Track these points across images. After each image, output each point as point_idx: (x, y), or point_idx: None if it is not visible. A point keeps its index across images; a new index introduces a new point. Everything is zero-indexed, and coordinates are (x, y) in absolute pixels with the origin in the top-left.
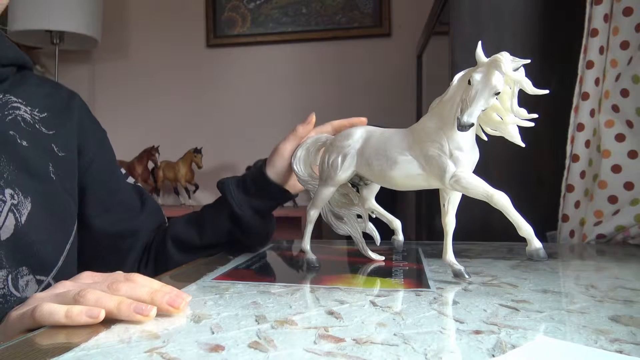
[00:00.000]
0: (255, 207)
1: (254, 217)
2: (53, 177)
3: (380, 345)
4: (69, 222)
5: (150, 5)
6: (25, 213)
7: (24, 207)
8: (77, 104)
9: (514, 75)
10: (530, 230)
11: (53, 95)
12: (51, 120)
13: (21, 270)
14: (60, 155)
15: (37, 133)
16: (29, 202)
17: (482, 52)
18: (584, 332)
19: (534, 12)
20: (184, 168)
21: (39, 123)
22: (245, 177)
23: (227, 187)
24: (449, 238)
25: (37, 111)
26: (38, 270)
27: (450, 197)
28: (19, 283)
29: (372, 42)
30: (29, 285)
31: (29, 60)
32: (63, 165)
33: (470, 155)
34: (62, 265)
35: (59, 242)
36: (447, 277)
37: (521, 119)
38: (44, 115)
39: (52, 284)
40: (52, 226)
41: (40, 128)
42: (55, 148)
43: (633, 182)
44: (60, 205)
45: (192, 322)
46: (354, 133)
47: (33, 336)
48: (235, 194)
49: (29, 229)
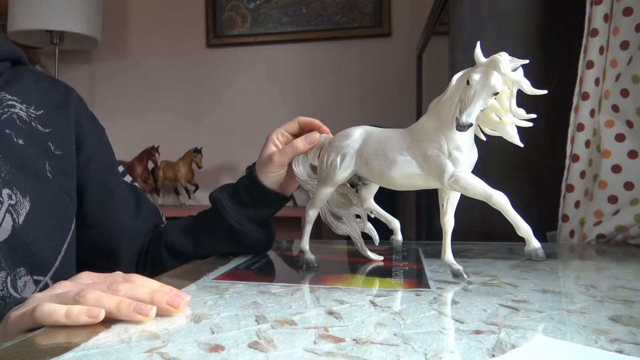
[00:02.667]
0: (254, 217)
1: (254, 229)
2: (50, 176)
3: (380, 345)
4: (67, 222)
5: (150, 5)
6: (23, 213)
7: (22, 207)
8: (74, 100)
9: (513, 76)
10: (529, 230)
11: (49, 92)
12: (47, 118)
13: (19, 272)
14: (57, 154)
15: (33, 131)
16: (27, 201)
17: (480, 52)
18: (584, 332)
19: (534, 12)
20: (184, 168)
21: (35, 121)
22: (237, 188)
23: (221, 202)
24: (447, 238)
25: (33, 109)
26: (36, 271)
27: (449, 197)
28: (17, 284)
29: (372, 42)
30: (27, 286)
31: (24, 55)
32: (60, 164)
33: (469, 155)
34: (59, 265)
35: (57, 241)
36: (447, 277)
37: (520, 119)
38: (40, 112)
39: (49, 284)
40: (50, 226)
41: (37, 126)
42: (52, 146)
43: (633, 182)
44: (58, 204)
45: (192, 322)
46: (353, 133)
47: (33, 336)
48: (231, 209)
49: (27, 229)
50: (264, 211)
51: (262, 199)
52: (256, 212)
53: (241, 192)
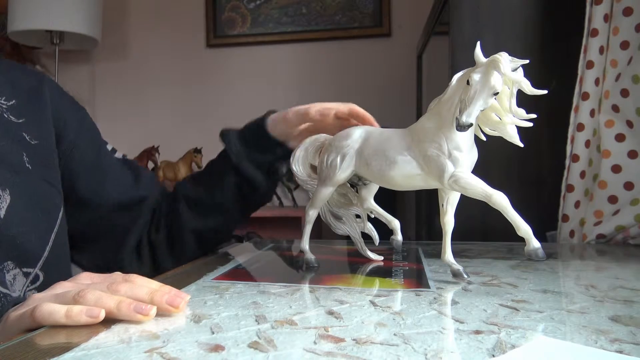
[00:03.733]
0: (256, 160)
1: (255, 172)
2: (29, 167)
3: (380, 345)
4: (52, 211)
5: (150, 5)
6: (4, 207)
7: (2, 200)
8: (47, 86)
9: (513, 76)
10: (528, 230)
11: (21, 80)
12: (20, 108)
13: (7, 265)
14: (32, 144)
15: (5, 123)
16: (7, 194)
17: (480, 52)
18: (584, 332)
19: (534, 12)
20: (184, 168)
21: (7, 112)
22: (244, 129)
23: (229, 138)
24: (447, 238)
25: (4, 99)
26: (24, 263)
27: (449, 197)
28: (5, 278)
29: (372, 42)
30: (16, 279)
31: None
32: (38, 154)
33: (469, 155)
34: (48, 255)
35: (43, 232)
36: (447, 277)
37: (520, 119)
38: (12, 103)
39: (40, 276)
40: (34, 217)
41: (9, 117)
42: (27, 136)
43: (633, 182)
44: (40, 195)
45: (192, 322)
46: (353, 133)
47: (33, 336)
48: (236, 148)
49: (9, 222)
50: (266, 156)
51: (266, 145)
52: (258, 154)
53: (246, 133)
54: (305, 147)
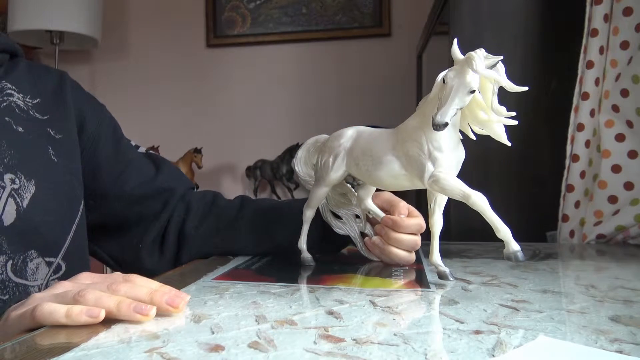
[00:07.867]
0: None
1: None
2: (55, 160)
3: (380, 346)
4: (74, 202)
5: (150, 5)
6: (27, 197)
7: (26, 190)
8: (68, 84)
9: (486, 73)
10: (508, 232)
11: (43, 79)
12: (44, 106)
13: (30, 254)
14: (57, 138)
15: (31, 119)
16: (32, 185)
17: (457, 49)
18: (584, 332)
19: (534, 12)
20: (184, 168)
21: (32, 109)
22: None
23: None
24: (435, 239)
25: (29, 97)
26: (46, 252)
27: (436, 198)
28: (28, 267)
29: (372, 42)
30: (39, 268)
31: (20, 48)
32: (62, 147)
33: (451, 155)
34: (69, 245)
35: (66, 222)
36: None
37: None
38: (37, 101)
39: (62, 266)
40: (58, 207)
41: (35, 114)
42: (52, 132)
43: (633, 182)
44: (63, 186)
45: (192, 322)
46: (345, 133)
47: (33, 336)
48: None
49: (33, 212)
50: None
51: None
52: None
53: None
54: (307, 147)
